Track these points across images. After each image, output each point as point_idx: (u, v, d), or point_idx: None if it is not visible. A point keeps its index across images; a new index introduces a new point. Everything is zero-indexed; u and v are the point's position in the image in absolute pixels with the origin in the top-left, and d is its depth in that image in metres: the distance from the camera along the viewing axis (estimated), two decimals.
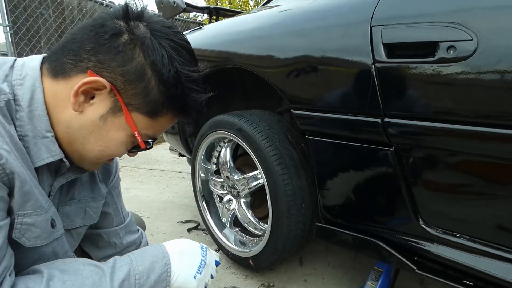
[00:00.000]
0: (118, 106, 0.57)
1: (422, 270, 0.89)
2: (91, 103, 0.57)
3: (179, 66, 0.57)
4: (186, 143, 1.78)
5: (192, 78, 0.60)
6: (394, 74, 0.82)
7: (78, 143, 0.59)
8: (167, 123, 0.64)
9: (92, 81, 0.54)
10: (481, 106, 0.71)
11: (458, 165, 0.80)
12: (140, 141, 0.61)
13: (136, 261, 0.63)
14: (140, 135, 0.60)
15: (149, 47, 0.55)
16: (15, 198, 0.52)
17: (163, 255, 0.67)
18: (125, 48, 0.55)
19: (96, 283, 0.57)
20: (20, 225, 0.54)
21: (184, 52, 0.59)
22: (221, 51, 1.32)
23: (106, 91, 0.56)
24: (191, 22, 6.17)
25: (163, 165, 3.24)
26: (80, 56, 0.55)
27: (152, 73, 0.56)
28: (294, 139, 1.20)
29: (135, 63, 0.55)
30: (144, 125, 0.60)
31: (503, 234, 0.78)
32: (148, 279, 0.63)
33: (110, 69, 0.55)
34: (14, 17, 3.47)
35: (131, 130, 0.59)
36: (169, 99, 0.59)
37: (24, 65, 0.58)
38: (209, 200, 1.60)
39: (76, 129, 0.58)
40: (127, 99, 0.57)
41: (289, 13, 1.12)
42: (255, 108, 1.44)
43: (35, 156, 0.56)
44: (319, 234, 1.18)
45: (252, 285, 1.35)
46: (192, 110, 0.63)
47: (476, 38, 0.68)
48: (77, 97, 0.55)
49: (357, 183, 1.00)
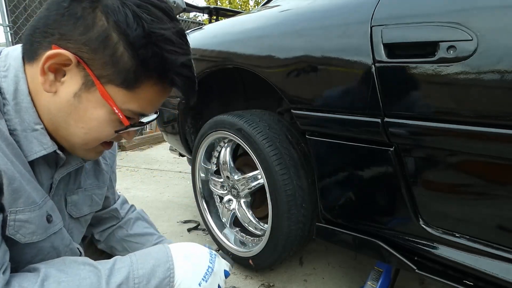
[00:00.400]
0: (90, 80, 0.52)
1: (422, 270, 0.89)
2: (63, 81, 0.52)
3: (147, 25, 0.50)
4: (186, 143, 1.78)
5: (164, 36, 0.51)
6: (394, 74, 0.82)
7: (62, 129, 0.56)
8: (153, 94, 0.56)
9: (54, 55, 0.50)
10: (481, 106, 0.71)
11: (458, 165, 0.80)
12: (122, 117, 0.55)
13: (137, 264, 0.60)
14: (121, 111, 0.54)
15: (110, 8, 0.49)
16: (4, 196, 0.50)
17: (167, 258, 0.62)
18: (84, 13, 0.49)
19: (93, 284, 0.55)
20: (14, 222, 0.52)
21: (154, 9, 0.52)
22: (221, 51, 1.32)
23: (74, 65, 0.51)
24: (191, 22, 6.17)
25: (163, 165, 3.24)
26: (45, 32, 0.51)
27: (118, 36, 0.50)
28: (294, 139, 1.20)
29: (97, 29, 0.50)
30: (123, 99, 0.54)
31: (503, 234, 0.78)
32: (148, 284, 0.59)
33: (73, 39, 0.50)
34: (14, 17, 3.47)
35: (109, 106, 0.53)
36: (142, 64, 0.52)
37: (7, 56, 0.55)
38: (209, 200, 1.60)
39: (55, 113, 0.54)
40: (97, 70, 0.51)
41: (289, 13, 1.12)
42: (255, 108, 1.44)
43: (27, 150, 0.54)
44: (319, 234, 1.18)
45: (252, 285, 1.35)
46: (172, 74, 0.54)
47: (476, 38, 0.68)
48: (45, 76, 0.51)
49: (357, 183, 1.00)
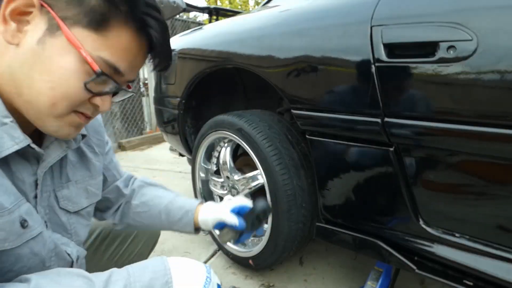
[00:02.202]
0: (55, 23, 0.47)
1: (422, 270, 0.89)
2: (25, 30, 0.48)
3: None
4: (186, 143, 1.79)
5: None
6: (394, 74, 0.82)
7: (25, 89, 0.49)
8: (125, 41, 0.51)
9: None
10: (481, 106, 0.71)
11: (458, 165, 0.80)
12: (90, 62, 0.49)
13: (134, 277, 0.57)
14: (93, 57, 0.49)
15: None
16: None
17: (165, 272, 0.59)
18: None
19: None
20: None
21: None
22: (221, 51, 1.32)
23: (37, 10, 0.47)
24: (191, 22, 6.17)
25: (163, 165, 3.24)
26: None
27: None
28: (294, 139, 1.20)
29: None
30: (92, 44, 0.49)
31: (503, 234, 0.78)
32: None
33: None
34: None
35: (77, 51, 0.48)
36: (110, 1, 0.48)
37: None
38: (209, 200, 1.60)
39: (17, 69, 0.49)
40: (62, 12, 0.47)
41: (289, 13, 1.12)
42: (255, 108, 1.44)
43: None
44: (319, 234, 1.18)
45: (252, 285, 1.35)
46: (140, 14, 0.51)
47: (476, 38, 0.68)
48: (6, 25, 0.47)
49: (357, 183, 1.00)
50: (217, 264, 1.50)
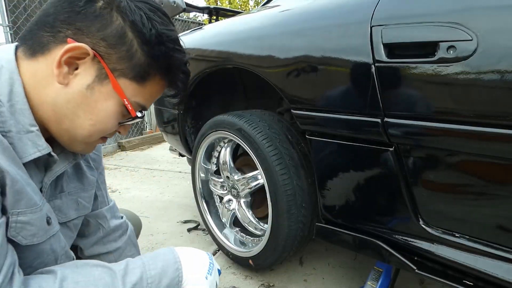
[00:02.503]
0: (104, 73, 0.55)
1: (422, 270, 0.89)
2: (76, 73, 0.55)
3: (159, 26, 0.57)
4: (186, 143, 1.78)
5: (172, 37, 0.59)
6: (394, 74, 0.82)
7: (67, 120, 0.57)
8: (156, 89, 0.62)
9: (74, 48, 0.52)
10: (481, 106, 0.71)
11: (458, 165, 0.80)
12: (131, 109, 0.59)
13: (149, 265, 0.63)
14: (130, 103, 0.59)
15: (126, 9, 0.55)
16: (7, 197, 0.51)
17: (175, 260, 0.66)
18: (102, 12, 0.54)
19: (108, 284, 0.57)
20: (15, 224, 0.53)
21: (161, 13, 0.59)
22: (221, 51, 1.32)
23: (90, 58, 0.54)
24: (191, 22, 6.17)
25: (163, 165, 3.24)
26: (57, 27, 0.53)
27: (133, 34, 0.56)
28: (294, 139, 1.21)
29: (114, 26, 0.54)
30: (132, 92, 0.58)
31: (503, 234, 0.78)
32: (159, 283, 0.62)
33: (90, 34, 0.54)
34: (14, 17, 3.47)
35: (120, 98, 0.57)
36: (154, 59, 0.58)
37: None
38: (209, 200, 1.60)
39: (63, 105, 0.56)
40: (112, 64, 0.56)
41: (289, 13, 1.12)
42: (255, 108, 1.44)
43: (21, 152, 0.54)
44: (319, 234, 1.18)
45: (252, 285, 1.35)
46: (177, 71, 0.62)
47: (476, 38, 0.68)
48: (60, 68, 0.53)
49: (357, 183, 1.00)
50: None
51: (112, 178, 2.87)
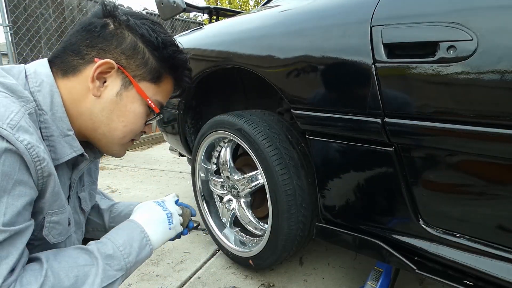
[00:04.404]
0: (127, 80, 0.67)
1: (422, 270, 0.89)
2: (105, 85, 0.65)
3: (161, 35, 0.69)
4: (186, 143, 1.78)
5: (172, 42, 0.71)
6: (394, 74, 0.82)
7: (103, 126, 0.67)
8: (169, 87, 0.74)
9: (103, 63, 0.63)
10: (481, 106, 0.71)
11: (458, 165, 0.80)
12: (154, 106, 0.70)
13: (114, 238, 0.68)
14: (152, 101, 0.70)
15: (134, 26, 0.67)
16: (46, 199, 0.58)
17: (136, 225, 0.73)
18: (116, 32, 0.66)
19: (87, 259, 0.62)
20: (49, 224, 0.61)
21: (158, 26, 0.71)
22: (221, 51, 1.32)
23: (115, 71, 0.65)
24: (191, 22, 6.17)
25: (163, 165, 3.24)
26: (83, 51, 0.64)
27: (143, 44, 0.67)
28: (294, 139, 1.20)
29: (128, 41, 0.66)
30: (152, 92, 0.70)
31: (503, 234, 0.78)
32: (132, 247, 0.68)
33: (111, 51, 0.65)
34: (14, 17, 3.47)
35: (143, 99, 0.69)
36: (163, 62, 0.70)
37: (36, 73, 0.63)
38: (209, 200, 1.60)
39: (98, 113, 0.66)
40: (132, 72, 0.67)
41: (289, 13, 1.12)
42: (255, 108, 1.44)
43: (60, 153, 0.63)
44: (319, 234, 1.18)
45: (252, 285, 1.35)
46: (183, 69, 0.74)
47: (476, 38, 0.68)
48: (94, 83, 0.64)
49: (357, 183, 1.00)
50: (217, 264, 1.50)
51: (112, 178, 2.87)
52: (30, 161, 0.52)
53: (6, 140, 0.49)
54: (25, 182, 0.52)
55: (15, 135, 0.50)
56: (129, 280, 1.39)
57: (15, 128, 0.51)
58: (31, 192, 0.54)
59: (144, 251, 0.71)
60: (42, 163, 0.54)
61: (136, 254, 0.69)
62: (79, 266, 0.60)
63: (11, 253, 0.51)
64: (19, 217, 0.52)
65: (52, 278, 0.55)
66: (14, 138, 0.50)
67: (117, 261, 0.65)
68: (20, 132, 0.51)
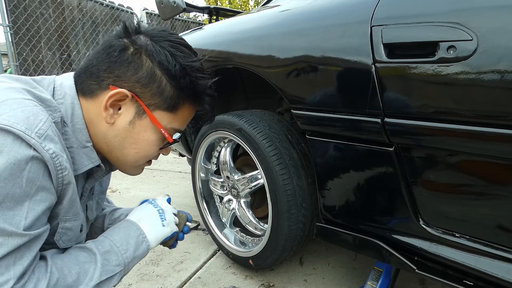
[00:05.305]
0: (141, 109, 0.65)
1: (422, 270, 0.89)
2: (119, 113, 0.65)
3: (182, 61, 0.66)
4: (186, 143, 1.79)
5: (195, 67, 0.67)
6: (394, 74, 0.82)
7: (116, 150, 0.68)
8: (187, 114, 0.72)
9: (116, 93, 0.63)
10: (481, 106, 0.71)
11: (458, 165, 0.80)
12: (167, 136, 0.69)
13: (111, 235, 0.70)
14: (166, 130, 0.69)
15: (153, 51, 0.64)
16: (63, 205, 0.60)
17: (131, 223, 0.75)
18: (133, 58, 0.64)
19: (86, 257, 0.65)
20: (62, 229, 0.63)
21: (183, 47, 0.68)
22: (221, 51, 1.32)
23: (129, 99, 0.64)
24: (191, 22, 6.17)
25: (163, 165, 3.24)
26: (100, 76, 0.64)
27: (161, 72, 0.65)
28: (294, 139, 1.21)
29: (145, 68, 0.64)
30: (168, 120, 0.68)
31: (503, 234, 0.78)
32: (128, 244, 0.70)
33: (127, 79, 0.64)
34: (14, 17, 3.47)
35: (157, 128, 0.67)
36: (182, 90, 0.67)
37: (62, 85, 0.65)
38: (209, 200, 1.60)
39: (112, 139, 0.67)
40: (147, 101, 0.65)
41: (289, 13, 1.12)
42: (255, 108, 1.44)
43: (79, 164, 0.65)
44: (319, 234, 1.18)
45: (252, 285, 1.35)
46: (203, 95, 0.70)
47: (476, 38, 0.68)
48: (107, 111, 0.64)
49: (357, 183, 1.00)
50: (217, 264, 1.50)
51: (112, 178, 2.86)
52: (53, 169, 0.54)
53: (33, 148, 0.52)
54: (47, 188, 0.54)
55: (42, 144, 0.53)
56: (129, 280, 1.39)
57: (42, 137, 0.53)
58: (52, 197, 0.56)
59: (141, 247, 0.72)
60: (64, 171, 0.56)
61: (133, 250, 0.71)
62: (80, 263, 0.63)
63: (25, 255, 0.53)
64: (38, 222, 0.54)
65: (57, 273, 0.58)
66: (40, 147, 0.52)
67: (115, 256, 0.67)
68: (46, 141, 0.54)
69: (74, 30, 4.12)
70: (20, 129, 0.51)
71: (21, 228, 0.51)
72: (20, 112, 0.53)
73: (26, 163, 0.51)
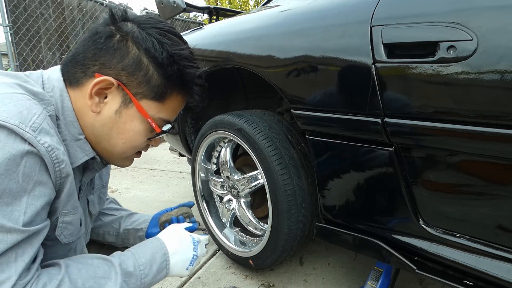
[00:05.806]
0: (128, 98, 0.63)
1: (422, 270, 0.89)
2: (105, 102, 0.63)
3: (169, 48, 0.63)
4: (186, 143, 1.78)
5: (183, 55, 0.65)
6: (394, 74, 0.82)
7: (104, 141, 0.66)
8: (176, 104, 0.69)
9: (101, 81, 0.61)
10: (481, 106, 0.71)
11: (458, 165, 0.80)
12: (155, 126, 0.67)
13: (138, 254, 0.69)
14: (154, 120, 0.66)
15: (139, 38, 0.62)
16: (61, 199, 0.59)
17: (162, 246, 0.73)
18: (119, 45, 0.62)
19: (107, 272, 0.63)
20: (62, 224, 0.63)
21: (171, 35, 0.65)
22: (221, 51, 1.32)
23: (115, 88, 0.62)
24: (191, 22, 6.17)
25: (163, 165, 3.24)
26: (86, 64, 0.62)
27: (148, 60, 0.63)
28: (294, 139, 1.21)
29: (131, 56, 0.62)
30: (155, 110, 0.66)
31: (503, 234, 0.78)
32: (151, 269, 0.69)
33: (112, 67, 0.62)
34: (14, 17, 3.46)
35: (144, 117, 0.65)
36: (169, 79, 0.65)
37: (50, 78, 0.64)
38: (209, 200, 1.60)
39: (99, 129, 0.65)
40: (133, 89, 0.63)
41: (289, 13, 1.12)
42: (255, 108, 1.44)
43: (73, 157, 0.63)
44: (319, 234, 1.18)
45: (252, 285, 1.35)
46: (192, 84, 0.68)
47: (476, 38, 0.68)
48: (92, 99, 0.62)
49: (357, 183, 1.00)
50: (217, 264, 1.50)
51: (112, 178, 2.87)
52: (50, 163, 0.54)
53: (28, 142, 0.51)
54: (45, 183, 0.54)
55: (37, 137, 0.52)
56: None
57: (37, 131, 0.52)
58: (50, 192, 0.55)
59: (160, 274, 0.71)
60: (61, 164, 0.55)
61: (152, 276, 0.69)
62: (96, 277, 0.61)
63: (27, 251, 0.53)
64: (37, 217, 0.54)
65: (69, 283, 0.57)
66: (35, 140, 0.52)
67: (135, 279, 0.66)
68: (41, 134, 0.53)
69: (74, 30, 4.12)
70: (14, 124, 0.50)
71: (20, 223, 0.51)
72: (13, 106, 0.52)
73: (21, 157, 0.50)
